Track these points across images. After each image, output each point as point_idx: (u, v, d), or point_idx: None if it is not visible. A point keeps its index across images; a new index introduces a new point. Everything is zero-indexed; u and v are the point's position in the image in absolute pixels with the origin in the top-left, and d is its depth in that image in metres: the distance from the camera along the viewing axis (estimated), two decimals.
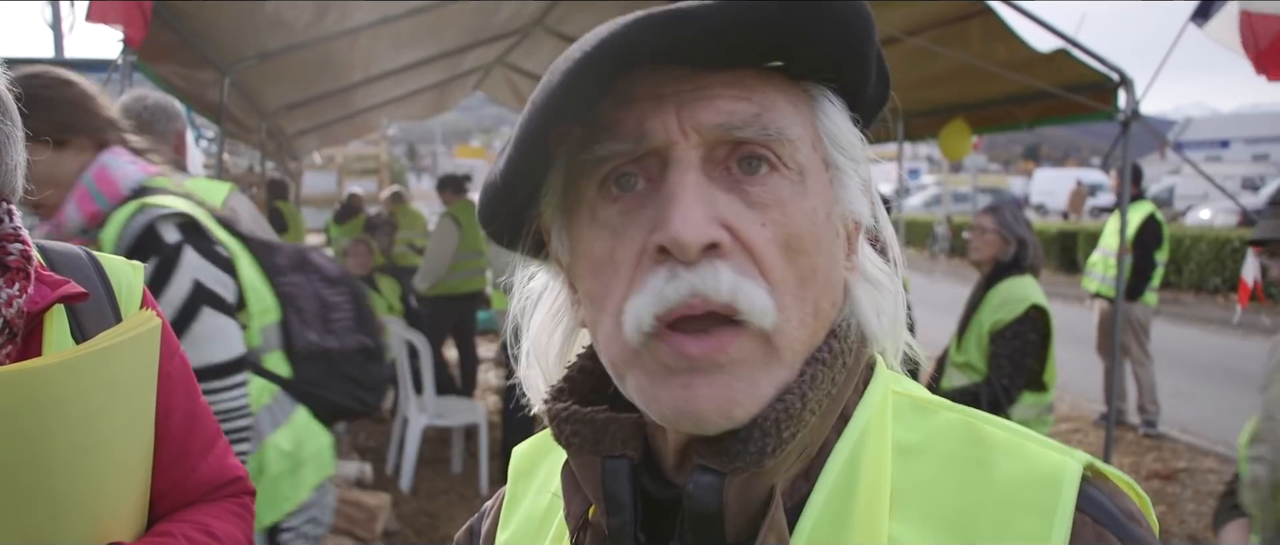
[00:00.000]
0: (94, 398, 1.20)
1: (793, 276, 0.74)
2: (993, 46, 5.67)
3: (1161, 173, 37.59)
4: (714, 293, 0.71)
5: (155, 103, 3.25)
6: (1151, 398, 7.95)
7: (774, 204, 0.74)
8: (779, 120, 0.75)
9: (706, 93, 0.74)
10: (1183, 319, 14.60)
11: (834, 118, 0.81)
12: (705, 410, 0.72)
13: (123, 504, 1.30)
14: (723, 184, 0.74)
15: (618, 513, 0.78)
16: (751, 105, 0.74)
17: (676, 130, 0.73)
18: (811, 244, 0.75)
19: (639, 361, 0.75)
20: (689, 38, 0.70)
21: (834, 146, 0.80)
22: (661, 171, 0.74)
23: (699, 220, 0.70)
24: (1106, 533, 0.72)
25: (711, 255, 0.71)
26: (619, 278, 0.75)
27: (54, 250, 1.36)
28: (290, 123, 10.02)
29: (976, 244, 4.39)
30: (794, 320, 0.74)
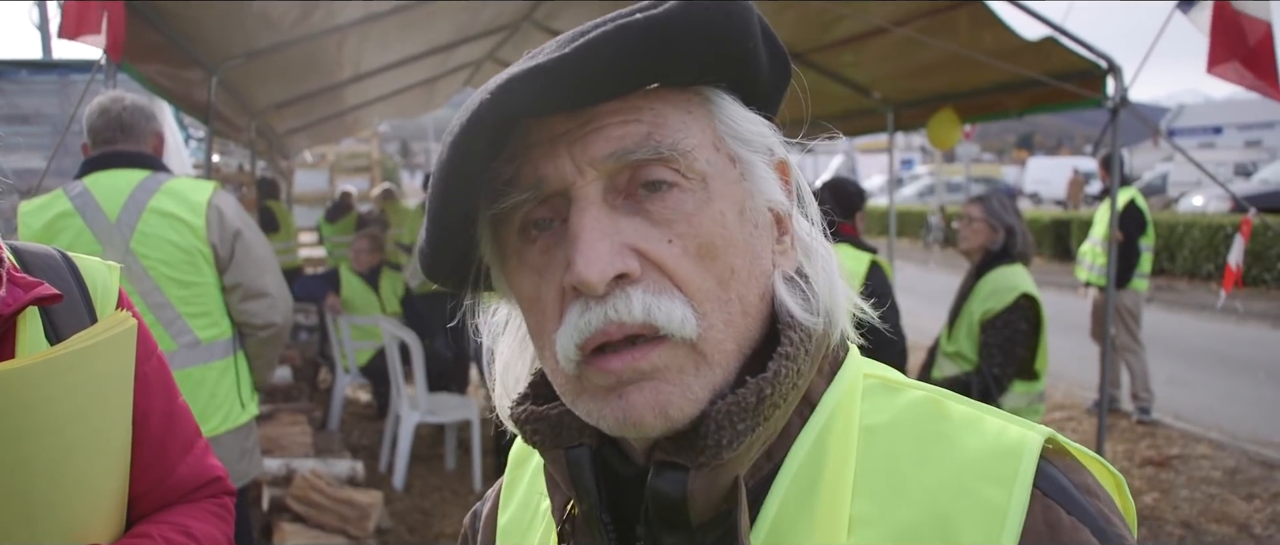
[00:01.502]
0: (69, 399, 1.19)
1: (711, 281, 0.77)
2: (980, 35, 5.66)
3: (1155, 160, 37.65)
4: (628, 317, 0.74)
5: (133, 104, 3.24)
6: (1144, 385, 7.97)
7: (679, 218, 0.76)
8: (671, 135, 0.77)
9: (594, 125, 0.76)
10: (1176, 305, 14.63)
11: (731, 114, 0.82)
12: (642, 416, 0.75)
13: (100, 506, 1.30)
14: (627, 209, 0.77)
15: (585, 498, 0.82)
16: (641, 126, 0.76)
17: (572, 170, 0.76)
18: (724, 246, 0.77)
19: (580, 387, 0.79)
20: (556, 95, 0.73)
21: (736, 142, 0.82)
22: (567, 209, 0.77)
23: (601, 258, 0.73)
24: (1055, 506, 0.73)
25: (621, 284, 0.74)
26: (547, 315, 0.79)
27: (28, 252, 1.36)
28: (280, 121, 10.00)
29: (965, 233, 4.40)
30: (718, 323, 0.77)
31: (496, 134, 0.74)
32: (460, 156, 0.74)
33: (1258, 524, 5.80)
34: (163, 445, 1.43)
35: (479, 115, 0.72)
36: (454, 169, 0.75)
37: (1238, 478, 6.57)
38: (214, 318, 3.34)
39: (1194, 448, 7.26)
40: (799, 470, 0.78)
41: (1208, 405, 8.38)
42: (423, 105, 12.51)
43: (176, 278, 3.23)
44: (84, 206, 3.15)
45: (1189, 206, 23.06)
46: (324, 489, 4.89)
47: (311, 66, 7.61)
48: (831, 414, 0.81)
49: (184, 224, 3.24)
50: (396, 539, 5.39)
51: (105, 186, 3.18)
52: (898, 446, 0.79)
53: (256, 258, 3.39)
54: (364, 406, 8.77)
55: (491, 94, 0.72)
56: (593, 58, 0.72)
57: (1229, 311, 12.70)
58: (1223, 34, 5.00)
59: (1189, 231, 17.58)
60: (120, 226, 3.17)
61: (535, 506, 0.99)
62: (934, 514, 0.74)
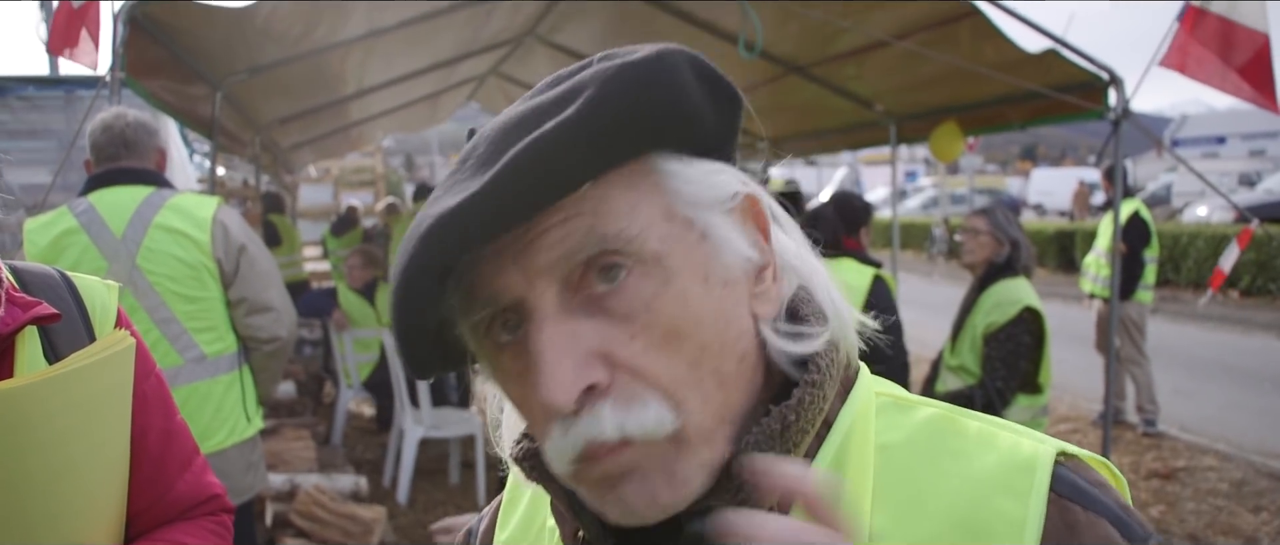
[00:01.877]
0: (67, 418, 1.20)
1: (681, 367, 0.74)
2: (982, 48, 5.67)
3: (1159, 170, 37.58)
4: (602, 436, 0.73)
5: (135, 120, 3.26)
6: (1149, 397, 7.95)
7: (638, 309, 0.74)
8: (616, 222, 0.73)
9: (535, 232, 0.73)
10: (1181, 317, 14.60)
11: (679, 177, 0.77)
12: (640, 509, 0.75)
13: (98, 524, 1.30)
14: (585, 310, 0.74)
15: (589, 527, 0.82)
16: (583, 220, 0.73)
17: (522, 283, 0.74)
18: (690, 326, 0.75)
19: (579, 482, 0.78)
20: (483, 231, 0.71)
21: (690, 207, 0.77)
22: (525, 321, 0.75)
23: (564, 381, 0.71)
24: (1071, 505, 0.75)
25: (591, 398, 0.73)
26: (535, 421, 0.78)
27: (27, 272, 1.36)
28: (284, 136, 10.02)
29: (970, 246, 4.39)
30: (695, 407, 0.75)
31: (437, 275, 0.72)
32: (409, 301, 0.74)
33: (1265, 537, 5.77)
34: (161, 463, 1.43)
35: (412, 267, 0.72)
36: (408, 310, 0.75)
37: (1245, 490, 6.54)
38: (219, 332, 3.35)
39: (1200, 459, 7.24)
40: None
41: (1213, 417, 8.35)
42: (427, 120, 12.53)
43: (182, 293, 3.24)
44: (89, 223, 3.16)
45: (1193, 217, 23.01)
46: (327, 504, 4.89)
47: (316, 81, 7.63)
48: (847, 433, 0.81)
49: (189, 239, 3.26)
50: None
51: (110, 203, 3.20)
52: (914, 463, 0.79)
53: (261, 272, 3.41)
54: (367, 421, 8.76)
55: (417, 244, 0.72)
56: (509, 186, 0.69)
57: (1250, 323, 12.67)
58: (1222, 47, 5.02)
59: (1193, 242, 17.54)
60: (126, 243, 3.18)
61: (539, 526, 0.98)
62: (953, 528, 0.75)
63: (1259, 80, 4.82)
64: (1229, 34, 4.93)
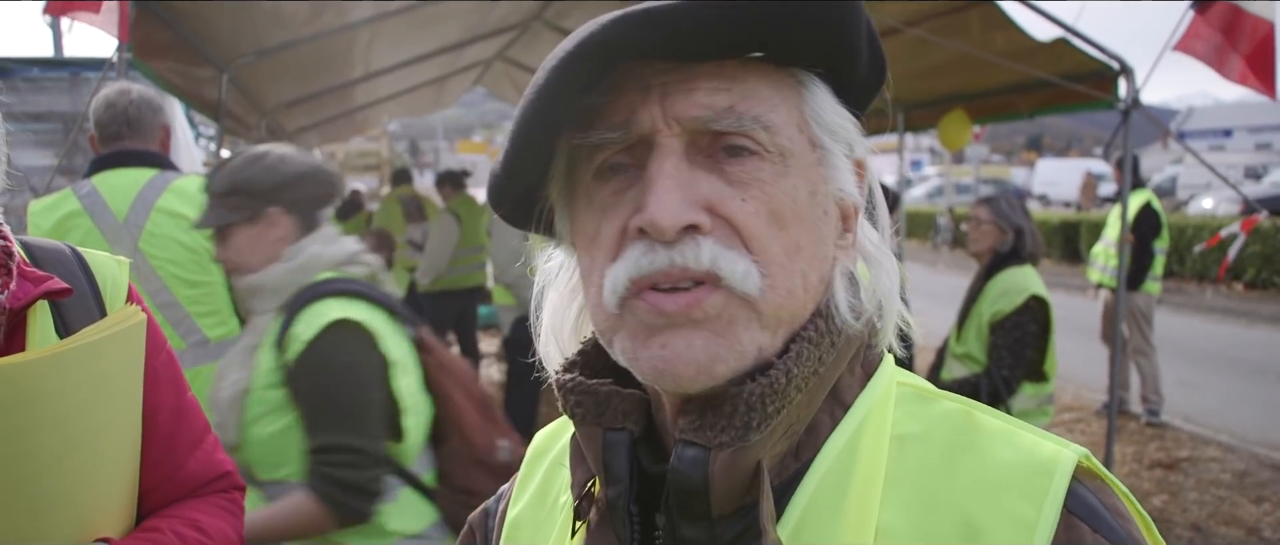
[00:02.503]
0: (79, 393, 1.19)
1: (778, 248, 0.77)
2: (992, 36, 5.65)
3: (1164, 162, 37.53)
4: (695, 263, 0.74)
5: (139, 97, 3.21)
6: (1154, 387, 7.94)
7: (754, 183, 0.77)
8: (757, 109, 0.77)
9: (689, 84, 0.77)
10: (1186, 308, 14.58)
11: (821, 102, 0.82)
12: (682, 367, 0.75)
13: (109, 500, 1.30)
14: (706, 166, 0.77)
15: (615, 483, 0.81)
16: (730, 96, 0.77)
17: (660, 120, 0.77)
18: (794, 219, 0.78)
19: (621, 325, 0.79)
20: (660, 39, 0.73)
21: (821, 129, 0.82)
22: (647, 157, 0.77)
23: (675, 205, 0.74)
24: (1079, 524, 0.73)
25: (691, 234, 0.74)
26: (603, 251, 0.79)
27: (38, 247, 1.36)
28: (290, 119, 10.01)
29: (974, 235, 4.39)
30: (780, 288, 0.77)
31: (597, 67, 0.74)
32: (557, 82, 0.75)
33: (1268, 527, 5.77)
34: (172, 440, 1.43)
35: (584, 46, 0.74)
36: (548, 94, 0.75)
37: (1247, 480, 6.54)
38: (222, 316, 3.34)
39: (1203, 450, 7.23)
40: (828, 471, 0.78)
41: (1216, 408, 8.35)
42: (432, 104, 12.51)
43: (184, 277, 3.23)
44: (93, 206, 3.15)
45: (1199, 209, 22.98)
46: None
47: (322, 65, 7.62)
48: (864, 419, 0.81)
49: (191, 223, 3.24)
50: None
51: (113, 186, 3.18)
52: (929, 457, 0.78)
53: None
54: None
55: (602, 26, 0.73)
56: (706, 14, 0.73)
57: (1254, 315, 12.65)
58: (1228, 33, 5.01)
59: (1199, 234, 17.50)
60: (128, 226, 3.17)
61: (552, 499, 0.98)
62: (961, 526, 0.74)
63: (1261, 68, 4.81)
64: (1237, 20, 4.92)
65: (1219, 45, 4.93)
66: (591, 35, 0.73)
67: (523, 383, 6.55)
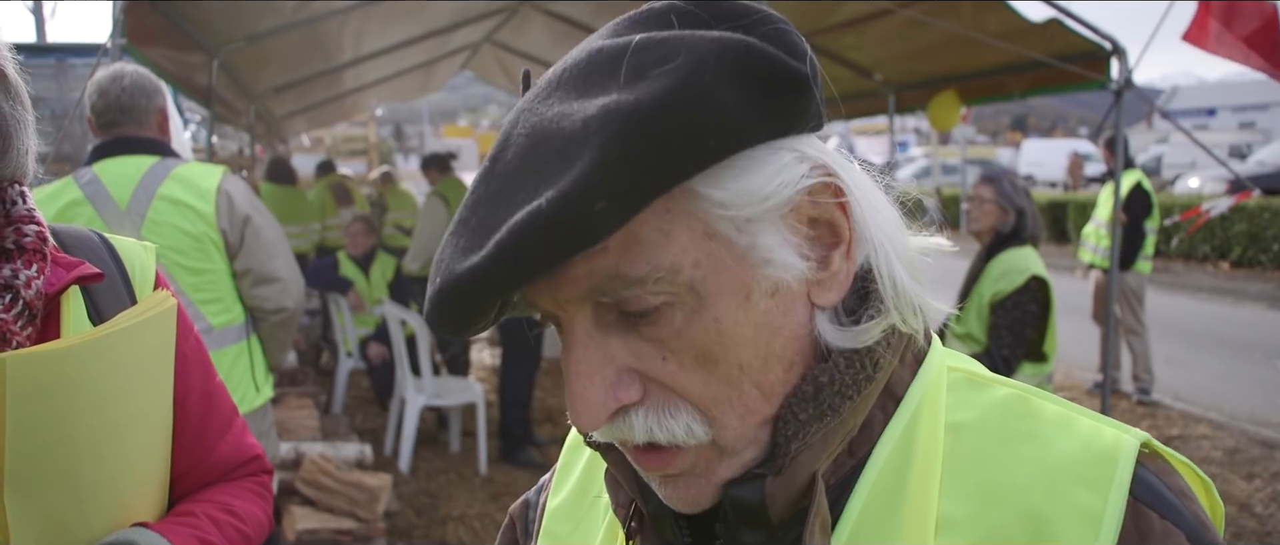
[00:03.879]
0: (115, 379, 1.20)
1: (717, 385, 0.73)
2: (984, 17, 5.66)
3: (1149, 142, 37.67)
4: (633, 440, 0.74)
5: (132, 83, 3.16)
6: (1145, 366, 8.00)
7: (669, 335, 0.71)
8: (643, 260, 0.68)
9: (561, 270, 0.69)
10: (1173, 287, 14.67)
11: (720, 190, 0.69)
12: (683, 508, 0.78)
13: (144, 486, 1.30)
14: (619, 327, 0.73)
15: (653, 500, 0.81)
16: (608, 257, 0.68)
17: (554, 305, 0.73)
18: (725, 349, 0.72)
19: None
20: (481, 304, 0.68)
21: (734, 220, 0.70)
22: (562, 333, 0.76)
23: (593, 404, 0.72)
24: (1146, 511, 0.72)
25: (623, 411, 0.73)
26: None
27: (65, 232, 1.36)
28: (279, 105, 9.98)
29: (975, 214, 4.39)
30: (733, 420, 0.74)
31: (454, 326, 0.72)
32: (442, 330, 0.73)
33: (1258, 503, 5.84)
34: (203, 424, 1.43)
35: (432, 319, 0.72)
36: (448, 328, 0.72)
37: (1238, 457, 6.61)
38: (226, 303, 3.33)
39: (1194, 428, 7.30)
40: (884, 468, 0.76)
41: (1206, 386, 8.42)
42: (420, 88, 12.49)
43: (187, 265, 3.22)
44: (94, 194, 3.13)
45: (1185, 188, 23.09)
46: (333, 472, 4.90)
47: (311, 50, 7.59)
48: (917, 410, 0.78)
49: (193, 211, 3.22)
50: (404, 522, 5.40)
51: (115, 174, 3.16)
52: (986, 446, 0.76)
53: (266, 242, 3.38)
54: (365, 390, 8.77)
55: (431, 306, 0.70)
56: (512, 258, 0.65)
57: (1242, 294, 12.72)
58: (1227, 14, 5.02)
59: None
60: (130, 214, 3.15)
61: (595, 493, 0.97)
62: (1025, 517, 0.72)
63: (1267, 48, 4.83)
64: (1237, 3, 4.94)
65: (1220, 30, 4.95)
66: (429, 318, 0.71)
67: (518, 364, 6.56)
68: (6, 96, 1.18)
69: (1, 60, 1.18)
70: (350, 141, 19.80)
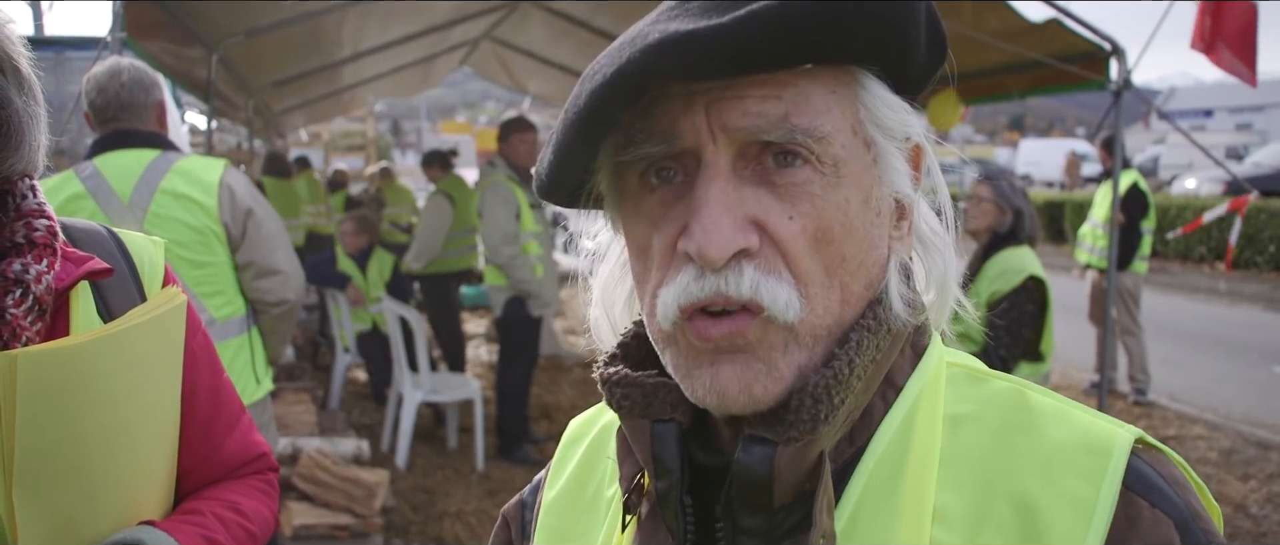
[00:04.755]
0: (124, 375, 1.20)
1: (820, 267, 0.76)
2: (984, 17, 5.66)
3: (1146, 142, 37.73)
4: (736, 293, 0.74)
5: (130, 79, 3.15)
6: (1141, 367, 8.01)
7: (804, 197, 0.75)
8: (810, 118, 0.75)
9: (735, 93, 0.74)
10: (1169, 288, 14.70)
11: (876, 99, 0.79)
12: (729, 390, 0.76)
13: (151, 482, 1.30)
14: (754, 178, 0.76)
15: (665, 475, 0.81)
16: (780, 105, 0.74)
17: (706, 133, 0.75)
18: (841, 234, 0.76)
19: (673, 342, 0.79)
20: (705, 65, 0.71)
21: (876, 128, 0.80)
22: (695, 169, 0.76)
23: (723, 234, 0.73)
24: (1136, 499, 0.73)
25: (738, 259, 0.74)
26: (654, 266, 0.79)
27: (75, 227, 1.36)
28: (277, 99, 9.97)
29: (973, 214, 4.40)
30: (819, 309, 0.76)
31: (638, 89, 0.73)
32: (597, 104, 0.73)
33: (1254, 503, 5.86)
34: (210, 421, 1.43)
35: (624, 72, 0.71)
36: (589, 115, 0.74)
37: (1233, 458, 6.63)
38: (228, 296, 3.33)
39: (1189, 429, 7.32)
40: (883, 456, 0.78)
41: (1202, 386, 8.44)
42: (419, 84, 12.46)
43: (190, 258, 3.22)
44: (96, 188, 3.13)
45: (1181, 189, 23.13)
46: (330, 468, 4.90)
47: (311, 45, 7.58)
48: (916, 401, 0.80)
49: (196, 204, 3.22)
50: (401, 518, 5.40)
51: (116, 167, 3.16)
52: (982, 437, 0.78)
53: (268, 235, 3.38)
54: (362, 385, 8.77)
55: (640, 52, 0.71)
56: (750, 32, 0.70)
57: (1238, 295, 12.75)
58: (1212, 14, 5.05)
59: (1182, 214, 17.63)
60: (132, 208, 3.15)
61: (593, 490, 0.97)
62: (1019, 506, 0.73)
63: (1242, 50, 4.85)
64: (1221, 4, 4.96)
65: (1210, 35, 4.97)
66: (630, 61, 0.71)
67: (516, 361, 6.56)
68: (20, 91, 1.18)
69: (15, 54, 1.18)
70: (348, 136, 19.77)
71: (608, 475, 0.95)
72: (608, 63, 0.74)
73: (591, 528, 0.95)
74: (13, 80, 1.17)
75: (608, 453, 0.96)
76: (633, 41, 0.73)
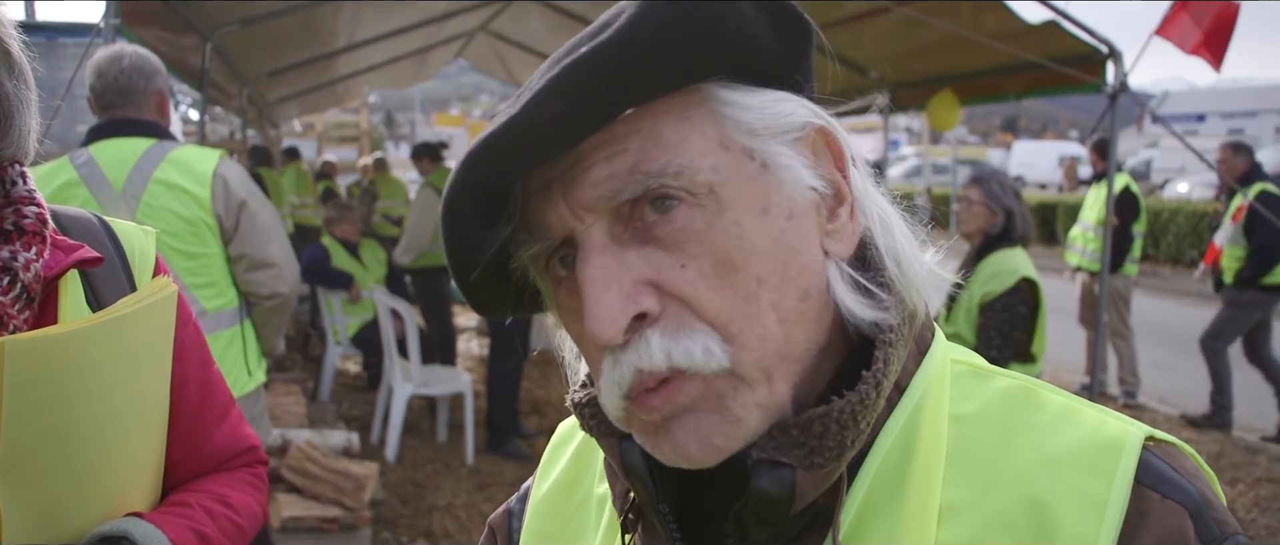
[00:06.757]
0: (113, 366, 1.18)
1: (734, 299, 0.71)
2: (982, 18, 5.67)
3: (1139, 146, 37.82)
4: (649, 365, 0.71)
5: (131, 65, 3.13)
6: (1131, 369, 8.04)
7: (688, 239, 0.71)
8: (663, 157, 0.71)
9: (581, 165, 0.71)
10: (1160, 291, 14.75)
11: (736, 105, 0.74)
12: (693, 452, 0.73)
13: (139, 474, 1.29)
14: (636, 239, 0.72)
15: (639, 488, 0.80)
16: (628, 157, 0.71)
17: (570, 216, 0.72)
18: (745, 257, 0.72)
19: (631, 425, 0.77)
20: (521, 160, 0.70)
21: (749, 135, 0.74)
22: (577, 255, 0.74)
23: (608, 312, 0.70)
24: (1148, 492, 0.71)
25: (639, 328, 0.71)
26: (590, 359, 0.78)
27: (65, 215, 1.34)
28: (271, 89, 9.93)
29: (964, 216, 4.40)
30: (751, 341, 0.72)
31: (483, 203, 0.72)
32: (456, 234, 0.74)
33: (1241, 508, 5.88)
34: (199, 412, 1.42)
35: (452, 196, 0.72)
36: (458, 247, 0.75)
37: (1222, 462, 6.64)
38: (220, 288, 3.31)
39: (1179, 432, 7.33)
40: (887, 456, 0.75)
41: (1191, 390, 8.45)
42: (413, 76, 12.44)
43: (182, 249, 3.20)
44: (89, 176, 3.11)
45: (1173, 193, 23.20)
46: (319, 460, 4.89)
47: (306, 35, 7.55)
48: (921, 399, 0.77)
49: (189, 195, 3.20)
50: (390, 511, 5.39)
51: (111, 156, 3.13)
52: (989, 436, 0.76)
53: (262, 228, 3.36)
54: (353, 377, 8.75)
55: (458, 172, 0.71)
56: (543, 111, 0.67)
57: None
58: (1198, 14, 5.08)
59: (1174, 218, 17.70)
60: (126, 197, 3.12)
61: (582, 494, 0.96)
62: (1028, 504, 0.71)
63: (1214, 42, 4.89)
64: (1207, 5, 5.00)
65: (1189, 26, 5.01)
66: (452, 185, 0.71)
67: (506, 355, 6.55)
68: (10, 74, 1.17)
69: (6, 36, 1.16)
70: (341, 127, 19.74)
71: (599, 477, 0.94)
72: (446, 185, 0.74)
73: (583, 528, 0.93)
74: (3, 64, 1.16)
75: (599, 454, 0.94)
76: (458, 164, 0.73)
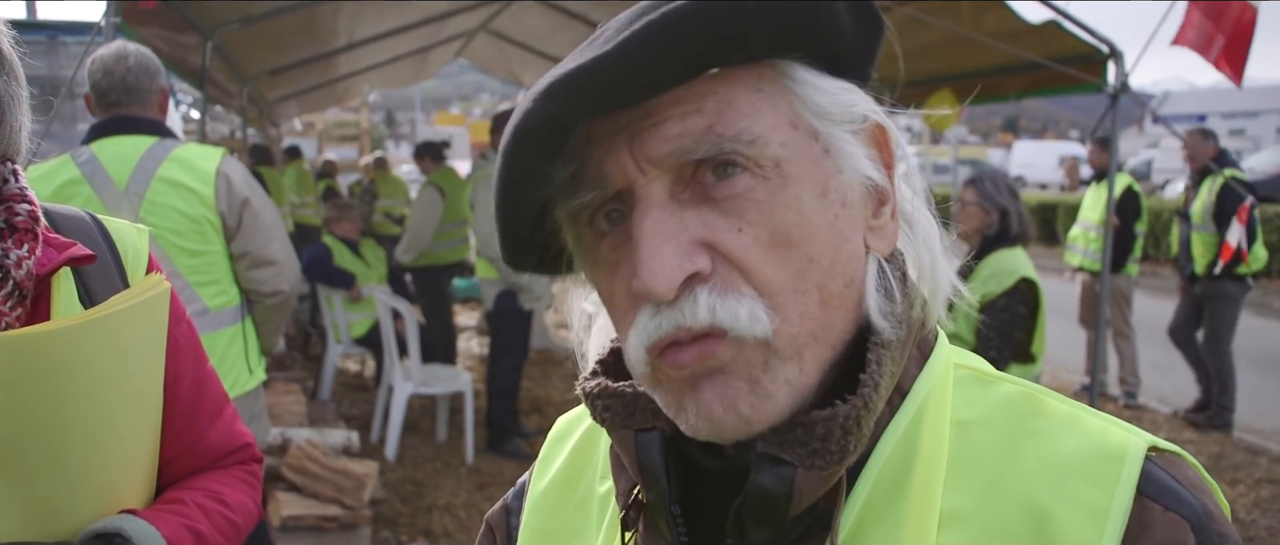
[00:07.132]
0: (105, 363, 1.18)
1: (785, 273, 0.71)
2: (982, 17, 5.66)
3: (1139, 146, 37.81)
4: (693, 321, 0.70)
5: (136, 63, 3.13)
6: (1132, 370, 8.03)
7: (749, 206, 0.71)
8: (736, 124, 0.71)
9: (653, 118, 0.71)
10: (1161, 292, 14.72)
11: (809, 87, 0.75)
12: (717, 412, 0.72)
13: (132, 471, 1.29)
14: (695, 200, 0.72)
15: (652, 485, 0.78)
16: (702, 118, 0.71)
17: (633, 168, 0.72)
18: (801, 235, 0.72)
19: (656, 383, 0.76)
20: (600, 98, 0.68)
21: (817, 117, 0.75)
22: (632, 209, 0.73)
23: (664, 266, 0.69)
24: (1150, 504, 0.71)
25: (689, 285, 0.70)
26: (620, 312, 0.77)
27: (58, 213, 1.34)
28: (271, 88, 9.93)
29: (960, 217, 4.38)
30: (794, 317, 0.72)
31: (547, 140, 0.70)
32: (515, 167, 0.72)
33: (1242, 509, 5.87)
34: (193, 410, 1.42)
35: (524, 126, 0.69)
36: (512, 180, 0.73)
37: (1222, 463, 6.64)
38: (222, 285, 3.31)
39: (1179, 433, 7.33)
40: (888, 461, 0.75)
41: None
42: (414, 75, 12.44)
43: (185, 247, 3.20)
44: (92, 174, 3.10)
45: (1174, 193, 23.16)
46: (319, 459, 4.88)
47: (306, 34, 7.55)
48: (923, 404, 0.77)
49: (192, 193, 3.20)
50: (390, 509, 5.39)
51: (113, 153, 3.13)
52: (991, 442, 0.75)
53: (264, 226, 3.36)
54: (352, 376, 8.75)
55: (533, 102, 0.69)
56: (635, 55, 0.67)
57: None
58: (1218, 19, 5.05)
59: (1174, 218, 17.64)
60: (129, 195, 3.12)
61: (582, 492, 0.95)
62: (1029, 512, 0.71)
63: (1234, 53, 4.86)
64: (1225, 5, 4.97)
65: (1209, 31, 4.97)
66: (526, 114, 0.69)
67: (506, 354, 6.55)
68: (0, 71, 1.16)
69: None
70: (341, 126, 19.75)
71: (599, 473, 0.93)
72: (511, 124, 0.72)
73: (583, 526, 0.92)
74: None
75: (600, 450, 0.93)
76: (530, 93, 0.71)
